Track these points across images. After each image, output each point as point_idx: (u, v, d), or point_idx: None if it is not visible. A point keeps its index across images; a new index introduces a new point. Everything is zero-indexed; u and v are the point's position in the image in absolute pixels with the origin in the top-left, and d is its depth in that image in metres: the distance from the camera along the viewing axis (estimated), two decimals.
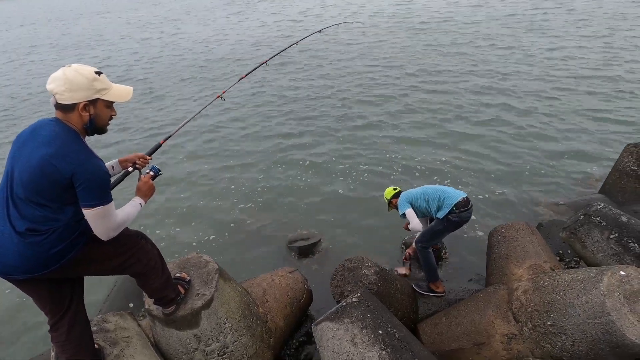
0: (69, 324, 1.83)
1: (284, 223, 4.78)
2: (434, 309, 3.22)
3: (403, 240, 4.19)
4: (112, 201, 1.64)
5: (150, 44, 16.22)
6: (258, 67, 3.89)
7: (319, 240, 4.37)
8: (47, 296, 1.77)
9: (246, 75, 3.81)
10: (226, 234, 4.71)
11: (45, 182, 1.52)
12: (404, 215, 3.25)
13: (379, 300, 2.52)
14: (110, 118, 1.72)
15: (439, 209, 3.11)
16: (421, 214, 3.25)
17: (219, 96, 3.33)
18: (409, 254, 3.61)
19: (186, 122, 2.85)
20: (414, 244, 3.37)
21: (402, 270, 3.52)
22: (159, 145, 2.46)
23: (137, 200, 1.87)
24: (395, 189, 3.54)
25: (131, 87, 1.75)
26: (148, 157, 2.17)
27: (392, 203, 3.52)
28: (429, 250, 3.26)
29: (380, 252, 4.06)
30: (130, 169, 2.12)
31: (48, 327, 1.86)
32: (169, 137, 2.59)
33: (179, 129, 2.73)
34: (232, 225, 4.85)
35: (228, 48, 13.63)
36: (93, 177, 1.55)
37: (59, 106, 1.58)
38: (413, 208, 3.22)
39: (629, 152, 4.05)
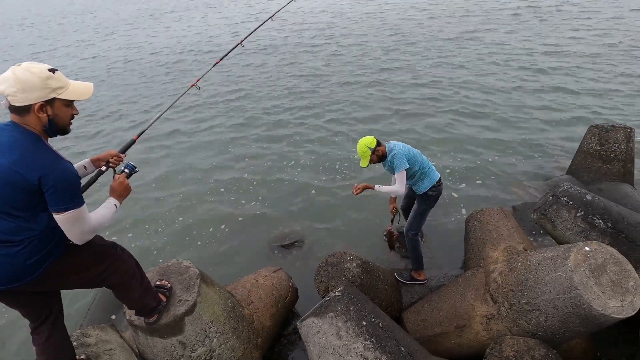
0: (49, 330, 1.82)
1: (265, 223, 4.76)
2: (417, 296, 3.31)
3: (384, 230, 4.26)
4: (84, 204, 1.58)
5: (114, 42, 15.70)
6: (233, 48, 3.68)
7: (302, 238, 4.39)
8: (25, 307, 1.76)
9: (221, 59, 3.57)
10: (207, 238, 4.66)
11: (11, 191, 1.46)
12: (391, 170, 2.96)
13: (362, 292, 2.57)
14: (72, 117, 1.63)
15: (420, 179, 3.12)
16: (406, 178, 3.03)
17: (193, 85, 3.16)
18: (394, 207, 3.54)
19: (160, 116, 2.75)
20: (405, 234, 3.34)
21: (390, 228, 3.68)
22: (133, 142, 2.38)
23: (112, 202, 1.80)
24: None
25: (91, 83, 1.64)
26: (122, 155, 2.11)
27: (378, 151, 2.97)
28: (418, 237, 3.34)
29: (362, 245, 4.12)
30: (103, 168, 2.06)
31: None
32: (143, 132, 2.50)
33: (152, 123, 2.64)
34: (212, 228, 4.80)
35: (197, 40, 13.40)
36: (61, 181, 1.48)
37: (13, 109, 1.49)
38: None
39: (592, 133, 4.25)
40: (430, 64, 9.17)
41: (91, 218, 1.62)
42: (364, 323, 2.16)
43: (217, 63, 3.51)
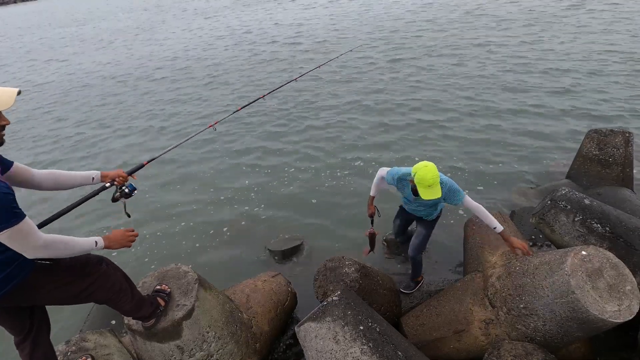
0: (30, 347, 1.82)
1: (264, 229, 4.78)
2: (416, 301, 3.31)
3: (384, 236, 4.26)
4: (25, 218, 1.47)
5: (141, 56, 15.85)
6: (255, 100, 3.88)
7: (301, 243, 4.40)
8: (4, 321, 1.75)
9: (242, 108, 3.75)
10: (206, 243, 4.68)
11: None
12: (447, 200, 2.66)
13: (359, 297, 2.57)
14: (2, 128, 1.50)
15: (438, 207, 2.97)
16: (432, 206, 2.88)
17: (210, 126, 3.28)
18: (375, 208, 3.20)
19: (172, 148, 2.81)
20: (414, 257, 3.17)
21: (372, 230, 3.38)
22: (142, 166, 2.42)
23: (96, 239, 1.71)
24: None
25: (15, 89, 1.47)
26: (127, 176, 2.17)
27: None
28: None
29: (362, 249, 4.10)
30: (107, 184, 2.12)
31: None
32: (153, 159, 2.56)
33: (164, 153, 2.70)
34: (211, 233, 4.82)
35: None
36: None
37: None
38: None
39: (590, 138, 4.26)
40: (428, 68, 9.22)
41: (43, 235, 1.53)
42: (361, 327, 2.16)
43: (237, 110, 3.68)
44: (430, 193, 2.51)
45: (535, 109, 6.77)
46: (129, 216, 2.25)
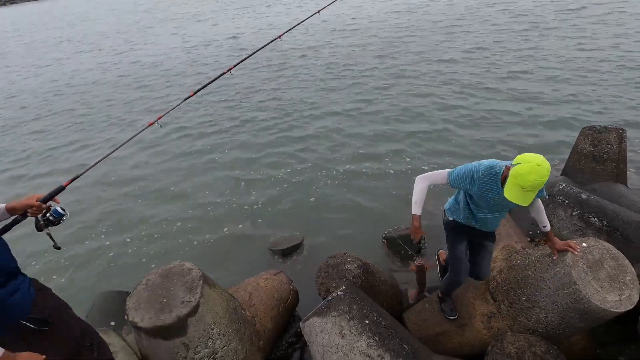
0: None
1: (264, 227, 4.78)
2: (417, 298, 3.33)
3: (383, 234, 4.29)
4: None
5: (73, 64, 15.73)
6: (217, 78, 3.27)
7: (301, 241, 4.40)
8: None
9: (195, 93, 3.17)
10: (207, 242, 4.66)
11: None
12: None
13: (363, 292, 2.58)
14: None
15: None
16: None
17: (152, 123, 2.78)
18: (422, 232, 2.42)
19: (102, 159, 2.40)
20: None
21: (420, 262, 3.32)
22: (62, 189, 2.02)
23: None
24: None
25: None
26: (43, 205, 1.83)
27: None
28: None
29: (361, 247, 4.12)
30: (19, 217, 1.84)
31: None
32: (77, 177, 2.21)
33: (89, 168, 2.33)
34: (212, 232, 4.80)
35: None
36: None
37: None
38: None
39: (585, 135, 4.32)
40: (425, 72, 9.30)
41: None
42: (367, 322, 2.18)
43: (189, 97, 3.08)
44: (519, 196, 1.84)
45: (530, 107, 6.86)
46: (58, 248, 1.96)
